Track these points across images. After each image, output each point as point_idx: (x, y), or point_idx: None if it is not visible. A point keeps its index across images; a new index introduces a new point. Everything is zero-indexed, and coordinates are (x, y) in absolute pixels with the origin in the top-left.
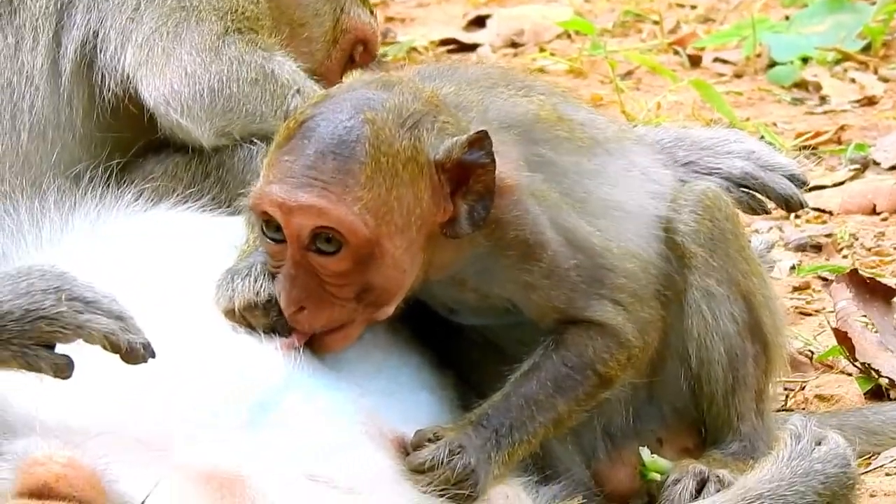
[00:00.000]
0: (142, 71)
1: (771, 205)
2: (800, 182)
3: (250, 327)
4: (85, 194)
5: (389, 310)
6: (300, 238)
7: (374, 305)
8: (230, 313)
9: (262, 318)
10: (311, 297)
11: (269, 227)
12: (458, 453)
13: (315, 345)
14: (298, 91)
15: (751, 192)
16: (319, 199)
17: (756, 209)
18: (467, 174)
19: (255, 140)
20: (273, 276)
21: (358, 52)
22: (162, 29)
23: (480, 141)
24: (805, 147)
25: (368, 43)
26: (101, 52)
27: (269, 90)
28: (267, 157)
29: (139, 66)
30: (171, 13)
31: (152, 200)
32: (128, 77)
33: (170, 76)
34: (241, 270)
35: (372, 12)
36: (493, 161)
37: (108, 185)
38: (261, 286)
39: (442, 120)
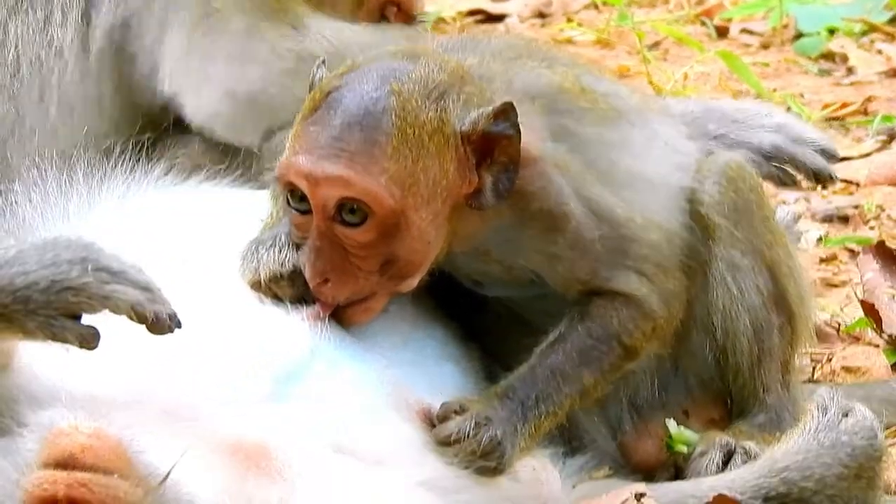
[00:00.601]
0: (181, 97)
1: (800, 177)
2: (829, 156)
3: (277, 298)
4: (115, 168)
5: (413, 282)
6: (326, 209)
7: (398, 277)
8: (256, 284)
9: (288, 288)
10: (335, 268)
11: (295, 197)
12: (485, 425)
13: (339, 316)
14: (324, 62)
15: (781, 165)
16: (346, 169)
17: (786, 182)
18: (492, 145)
19: None
20: (298, 247)
21: (392, 13)
22: (192, 47)
23: (506, 112)
24: (832, 118)
25: (402, 3)
26: (133, 62)
27: (307, 71)
28: (293, 127)
29: (177, 93)
30: (198, 24)
31: (182, 175)
32: (167, 98)
33: (207, 98)
34: (266, 241)
35: None
36: (519, 132)
37: (139, 159)
38: (286, 257)
39: (467, 91)
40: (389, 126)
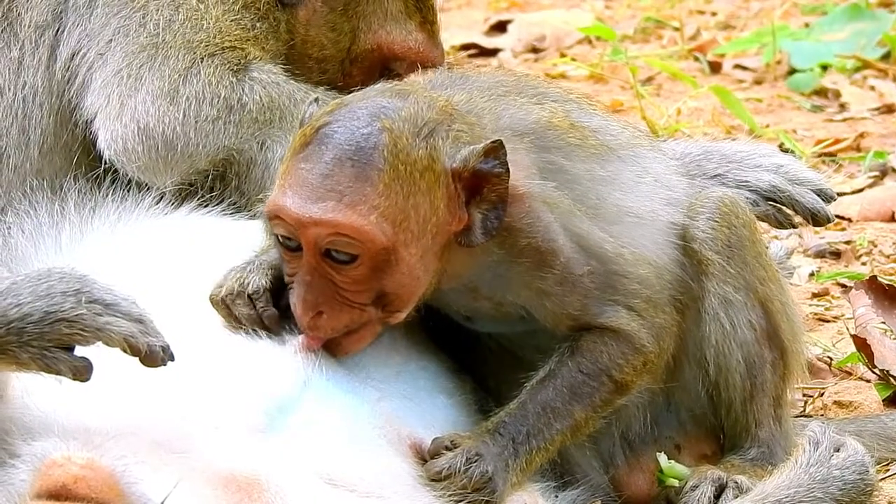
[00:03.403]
0: (98, 120)
1: (798, 218)
2: (827, 197)
3: (235, 319)
4: (105, 197)
5: (403, 315)
6: (316, 247)
7: (388, 310)
8: (215, 301)
9: (245, 307)
10: (327, 302)
11: (284, 234)
12: (476, 461)
13: (330, 347)
14: (317, 101)
15: (778, 205)
16: (334, 213)
17: (783, 223)
18: (482, 183)
19: (274, 146)
20: (274, 282)
21: (400, 67)
22: (123, 72)
23: (496, 150)
24: (824, 154)
25: (405, 59)
26: (70, 83)
27: (234, 121)
28: (283, 162)
29: (96, 114)
30: (140, 51)
31: (173, 204)
32: (87, 120)
33: (122, 132)
34: (239, 265)
35: (423, 24)
36: (508, 170)
37: (129, 188)
38: (251, 278)
39: (457, 129)
40: (381, 162)
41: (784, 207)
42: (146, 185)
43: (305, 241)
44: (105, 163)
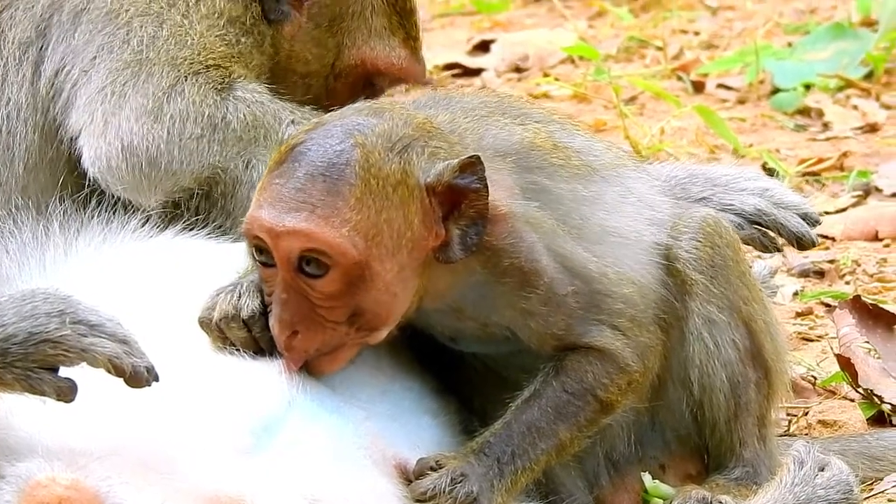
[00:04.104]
0: (82, 137)
1: (782, 242)
2: (812, 221)
3: (227, 341)
4: (91, 219)
5: (382, 334)
6: (289, 261)
7: (366, 329)
8: (206, 325)
9: (239, 331)
10: (303, 320)
11: (260, 251)
12: (461, 481)
13: (307, 366)
14: (293, 122)
15: (763, 229)
16: (306, 222)
17: (768, 246)
18: (459, 199)
19: (259, 166)
20: (266, 305)
21: (383, 82)
22: (107, 89)
23: (473, 165)
24: (808, 173)
25: (389, 75)
26: (54, 100)
27: (219, 140)
28: (260, 181)
29: (81, 131)
30: (124, 69)
31: (158, 226)
32: (71, 138)
33: (106, 149)
34: (227, 287)
35: (407, 40)
36: (486, 186)
37: (115, 210)
38: (244, 302)
39: (434, 145)
40: (353, 177)
41: (769, 231)
42: (132, 206)
43: (278, 254)
44: (91, 182)
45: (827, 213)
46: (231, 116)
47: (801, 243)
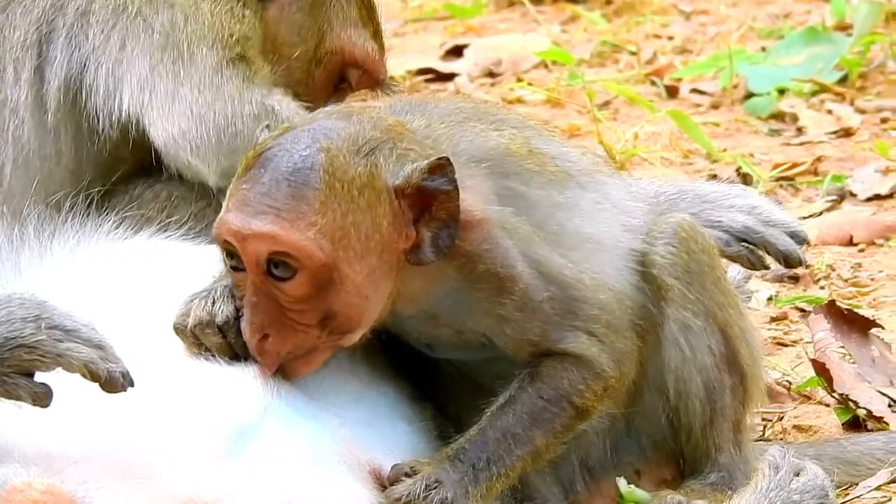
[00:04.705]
0: (147, 114)
1: (770, 260)
2: (800, 239)
3: (202, 347)
4: (65, 221)
5: (354, 337)
6: (258, 264)
7: (338, 332)
8: (181, 331)
9: (215, 337)
10: (273, 324)
11: (230, 255)
12: (435, 488)
13: (280, 370)
14: (268, 127)
15: (751, 246)
16: (272, 225)
17: (755, 264)
18: (430, 201)
19: None
20: (239, 309)
21: (353, 76)
22: (160, 68)
23: (442, 167)
24: (781, 178)
25: (363, 66)
26: (90, 94)
27: (269, 126)
28: (230, 187)
29: (143, 109)
30: (164, 50)
31: (134, 228)
32: (130, 119)
33: (177, 117)
34: (201, 293)
35: (376, 35)
36: (456, 188)
37: (89, 212)
38: (218, 308)
39: (403, 147)
40: (317, 181)
41: (756, 248)
42: (106, 208)
43: (247, 258)
44: (68, 185)
45: (801, 217)
46: (279, 108)
47: (789, 261)
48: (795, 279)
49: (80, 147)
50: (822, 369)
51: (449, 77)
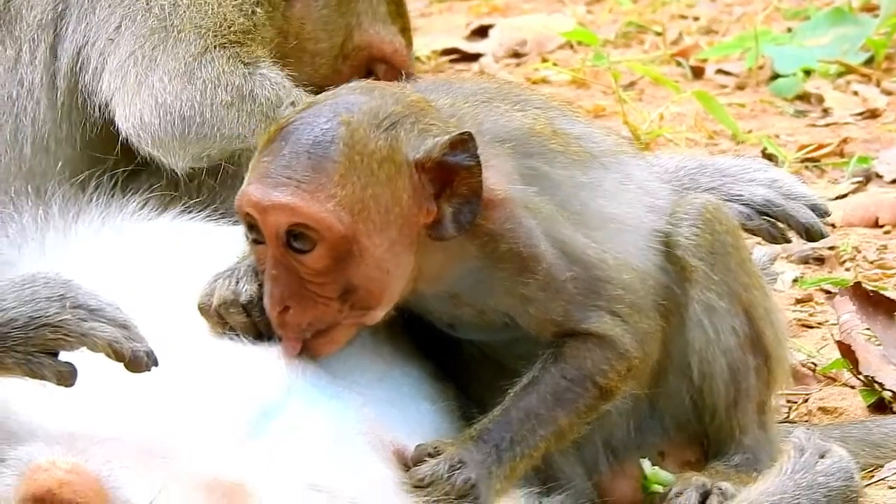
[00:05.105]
0: (115, 98)
1: (791, 233)
2: (821, 212)
3: (227, 327)
4: (90, 202)
5: (377, 314)
6: (277, 236)
7: (360, 308)
8: (205, 310)
9: (239, 316)
10: (294, 296)
11: (251, 228)
12: (459, 468)
13: (304, 349)
14: (293, 103)
15: (772, 220)
16: (292, 196)
17: (777, 237)
18: (451, 176)
19: None
20: (260, 283)
21: (380, 70)
22: (137, 53)
23: (465, 142)
24: (807, 160)
25: (391, 62)
26: (82, 72)
27: (247, 110)
28: (252, 159)
29: (113, 94)
30: (151, 34)
31: (158, 209)
32: (105, 102)
33: (140, 106)
34: (224, 272)
35: (404, 31)
36: (479, 163)
37: (114, 193)
38: (242, 287)
39: (426, 122)
40: (337, 153)
41: (778, 222)
42: (131, 188)
43: (267, 230)
44: (92, 165)
45: (827, 199)
46: (258, 91)
47: (810, 234)
48: (821, 261)
49: (92, 128)
50: (847, 351)
51: (474, 57)
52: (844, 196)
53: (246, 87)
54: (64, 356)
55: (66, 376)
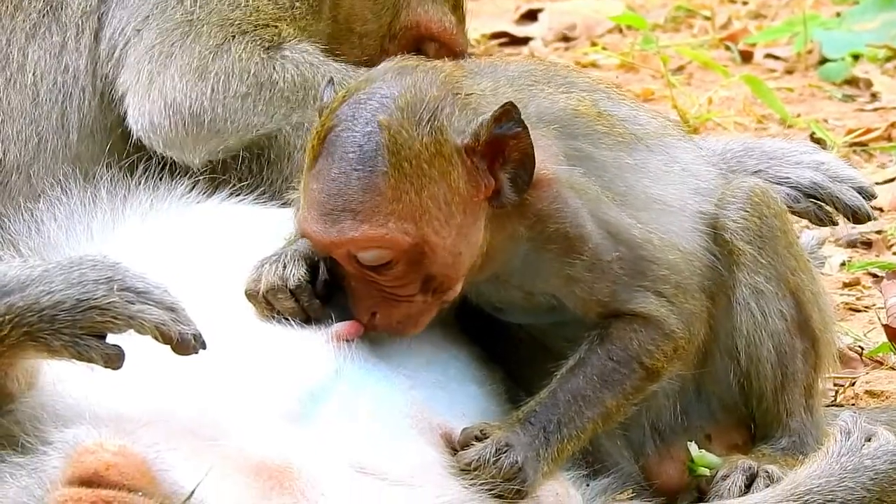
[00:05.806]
0: (127, 98)
1: (838, 216)
2: (868, 194)
3: (275, 312)
4: (138, 186)
5: (457, 289)
6: (349, 261)
7: (440, 291)
8: (253, 296)
9: (287, 301)
10: (377, 303)
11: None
12: (506, 451)
13: (388, 331)
14: (331, 81)
15: (818, 202)
16: (352, 230)
17: (823, 220)
18: (501, 147)
19: (299, 133)
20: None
21: (431, 49)
22: (155, 49)
23: (507, 113)
24: (855, 144)
25: (440, 40)
26: (110, 61)
27: (264, 99)
28: (303, 172)
29: (126, 92)
30: (174, 29)
31: (205, 192)
32: (121, 97)
33: (149, 107)
34: (271, 257)
35: (455, 8)
36: (525, 127)
37: (161, 176)
38: (289, 272)
39: (463, 96)
40: (384, 165)
41: (824, 204)
42: (178, 172)
43: (338, 258)
44: (137, 148)
45: (875, 183)
46: (278, 76)
47: (857, 217)
48: (868, 244)
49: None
50: (894, 335)
51: (523, 41)
52: (892, 180)
53: (264, 73)
54: (111, 338)
55: (114, 359)
